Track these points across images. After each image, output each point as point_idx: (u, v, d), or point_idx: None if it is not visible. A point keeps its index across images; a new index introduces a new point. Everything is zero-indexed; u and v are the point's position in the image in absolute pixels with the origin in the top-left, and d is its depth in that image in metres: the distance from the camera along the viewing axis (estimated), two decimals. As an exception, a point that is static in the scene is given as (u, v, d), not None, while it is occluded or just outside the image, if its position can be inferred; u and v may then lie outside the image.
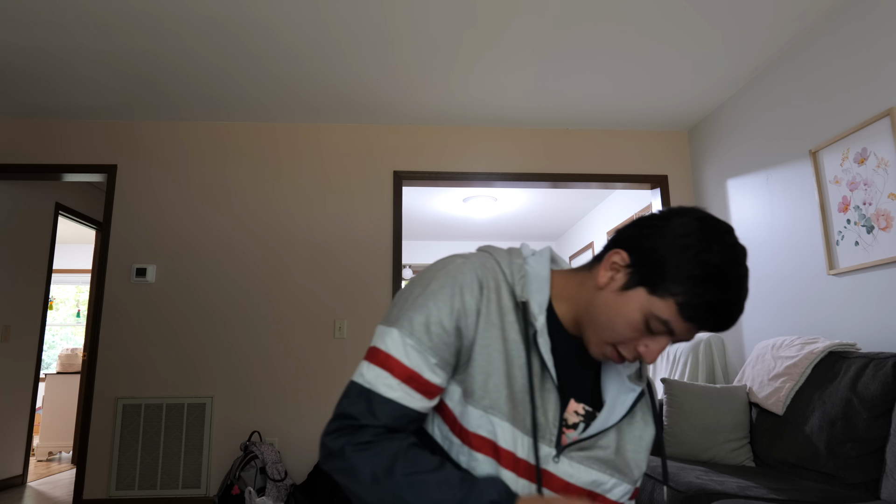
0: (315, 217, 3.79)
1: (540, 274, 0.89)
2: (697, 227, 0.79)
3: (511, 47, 2.97)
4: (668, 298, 0.78)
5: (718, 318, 0.78)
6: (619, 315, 0.81)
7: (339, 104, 3.63)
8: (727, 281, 0.77)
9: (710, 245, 0.78)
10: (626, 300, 0.81)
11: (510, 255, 0.91)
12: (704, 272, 0.77)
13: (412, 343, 0.82)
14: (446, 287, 0.84)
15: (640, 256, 0.81)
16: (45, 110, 3.67)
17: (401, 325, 0.83)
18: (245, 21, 2.73)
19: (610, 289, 0.83)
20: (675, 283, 0.78)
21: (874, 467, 2.00)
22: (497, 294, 0.86)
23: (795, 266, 2.92)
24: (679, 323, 0.79)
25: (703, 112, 3.77)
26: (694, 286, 0.77)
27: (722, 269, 0.77)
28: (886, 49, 2.36)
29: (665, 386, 2.75)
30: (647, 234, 0.82)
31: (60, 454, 5.63)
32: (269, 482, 3.18)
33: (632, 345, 0.82)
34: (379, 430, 0.81)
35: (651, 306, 0.79)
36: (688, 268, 0.77)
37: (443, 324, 0.82)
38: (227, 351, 3.59)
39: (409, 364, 0.81)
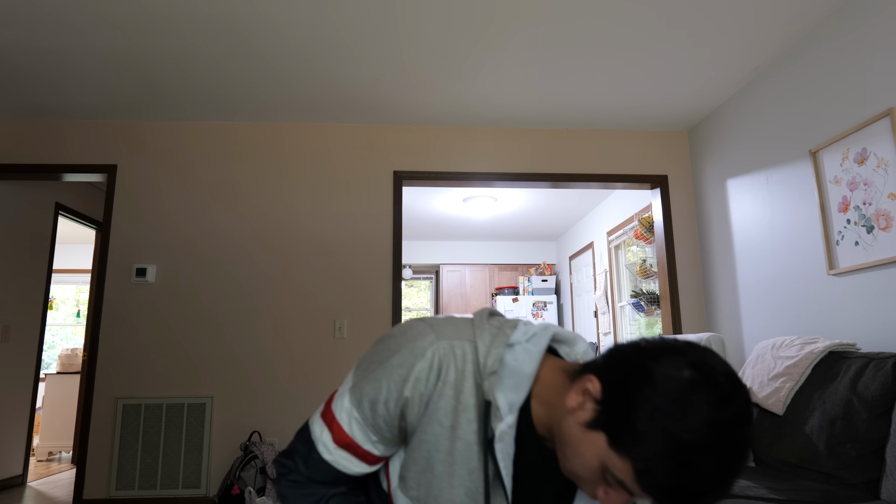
0: (315, 217, 3.79)
1: (521, 371, 0.79)
2: (683, 384, 0.65)
3: (511, 47, 2.97)
4: (626, 459, 0.66)
5: (680, 499, 0.64)
6: (577, 454, 0.72)
7: (340, 104, 3.63)
8: (694, 469, 0.62)
9: (687, 411, 0.63)
10: (587, 441, 0.71)
11: (494, 339, 0.81)
12: (672, 448, 0.63)
13: (356, 416, 0.84)
14: (403, 367, 0.80)
15: (610, 396, 0.69)
16: (45, 110, 3.67)
17: (353, 393, 0.84)
18: (245, 21, 2.73)
19: (576, 418, 0.73)
20: (636, 449, 0.65)
21: (874, 467, 2.00)
22: (456, 389, 0.79)
23: (795, 266, 2.92)
24: (637, 489, 0.67)
25: (703, 112, 3.77)
26: (655, 460, 0.63)
27: (692, 454, 0.62)
28: (886, 49, 2.36)
29: (665, 386, 2.74)
30: (626, 374, 0.69)
31: (60, 454, 5.63)
32: (269, 482, 3.18)
33: (590, 486, 0.73)
34: (313, 492, 0.87)
35: (608, 459, 0.68)
36: (653, 435, 0.64)
37: (388, 406, 0.81)
38: (227, 351, 3.59)
39: (349, 434, 0.84)
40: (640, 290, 4.69)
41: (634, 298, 4.73)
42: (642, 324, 5.18)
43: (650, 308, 4.62)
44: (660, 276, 3.98)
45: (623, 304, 5.45)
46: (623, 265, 5.49)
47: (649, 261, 4.77)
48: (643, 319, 5.11)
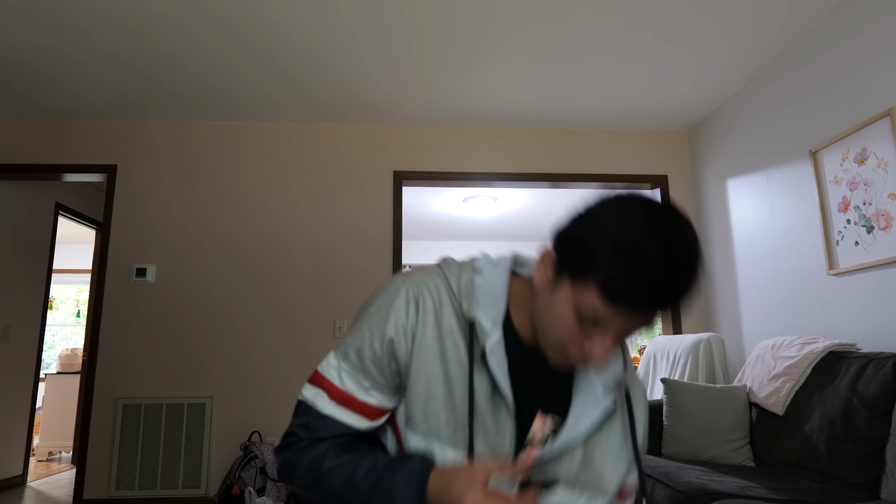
0: (315, 217, 3.79)
1: (493, 286, 0.83)
2: (614, 201, 0.72)
3: (511, 47, 2.97)
4: (589, 283, 0.70)
5: (645, 292, 0.67)
6: (552, 314, 0.76)
7: (340, 104, 3.63)
8: (644, 246, 0.67)
9: (625, 214, 0.69)
10: (555, 297, 0.75)
11: (461, 268, 0.86)
12: (617, 242, 0.68)
13: (346, 368, 0.84)
14: (381, 310, 0.84)
15: (562, 246, 0.75)
16: (45, 110, 3.67)
17: (338, 349, 0.86)
18: (245, 21, 2.73)
19: (544, 288, 0.78)
20: (593, 264, 0.69)
21: (874, 467, 2.00)
22: (436, 315, 0.82)
23: (795, 266, 2.92)
24: (608, 310, 0.70)
25: (703, 112, 3.77)
26: (609, 259, 0.68)
27: (637, 234, 0.67)
28: (886, 49, 2.36)
29: (665, 386, 2.75)
30: (571, 223, 0.76)
31: (60, 454, 5.63)
32: (269, 482, 3.18)
33: (575, 344, 0.75)
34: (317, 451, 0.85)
35: (576, 297, 0.72)
36: (602, 243, 0.69)
37: (374, 348, 0.83)
38: (227, 351, 3.59)
39: (342, 387, 0.84)
40: (640, 290, 4.69)
41: (634, 298, 4.72)
42: (642, 324, 5.17)
43: (650, 308, 4.61)
44: (660, 276, 3.98)
45: (623, 304, 5.44)
46: (623, 265, 5.48)
47: (649, 261, 4.76)
48: (643, 319, 5.10)
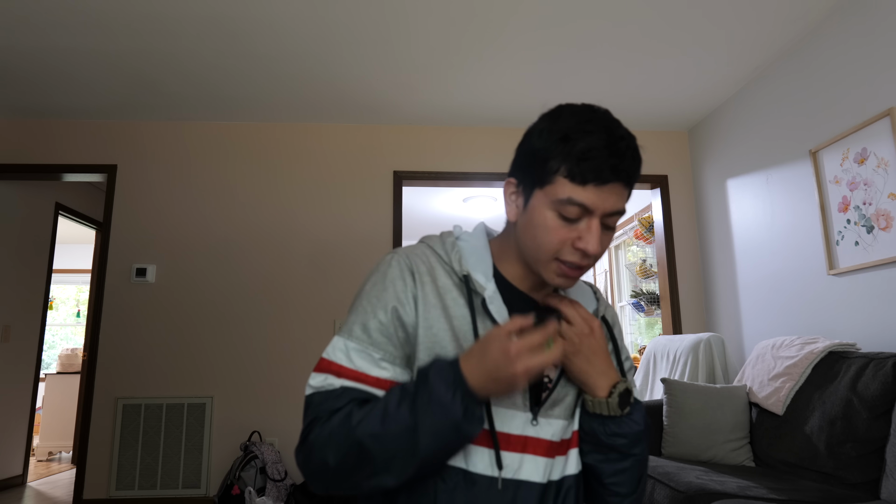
0: (315, 217, 3.79)
1: (474, 247, 0.90)
2: (547, 114, 0.84)
3: (511, 47, 2.96)
4: (556, 179, 0.79)
5: (603, 160, 0.77)
6: (535, 227, 0.82)
7: (339, 104, 3.63)
8: (587, 125, 0.78)
9: (560, 114, 0.81)
10: (533, 210, 0.82)
11: (442, 237, 0.92)
12: (564, 133, 0.79)
13: (353, 345, 0.83)
14: (378, 284, 0.86)
15: (520, 170, 0.85)
16: (45, 110, 3.67)
17: (341, 332, 0.85)
18: (245, 21, 2.73)
19: (520, 214, 0.85)
20: (551, 160, 0.79)
21: (874, 467, 2.00)
22: (431, 276, 0.86)
23: (795, 266, 2.92)
24: (581, 192, 0.78)
25: (703, 112, 3.77)
26: (563, 148, 0.78)
27: (578, 122, 0.79)
28: (886, 49, 2.36)
29: (665, 386, 2.75)
30: (518, 151, 0.87)
31: (60, 454, 5.63)
32: (269, 482, 3.18)
33: (567, 246, 0.81)
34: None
35: (550, 197, 0.80)
36: (551, 142, 0.79)
37: (379, 319, 0.83)
38: (227, 351, 3.59)
39: (351, 366, 0.82)
40: (640, 290, 4.69)
41: (634, 298, 4.73)
42: (642, 323, 5.17)
43: (650, 308, 4.62)
44: (660, 276, 3.98)
45: (623, 303, 5.45)
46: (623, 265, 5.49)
47: (649, 261, 4.77)
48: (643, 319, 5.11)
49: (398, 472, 0.75)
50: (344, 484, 0.78)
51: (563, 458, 0.87)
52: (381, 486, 0.76)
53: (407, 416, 0.74)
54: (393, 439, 0.74)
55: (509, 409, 0.83)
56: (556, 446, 0.86)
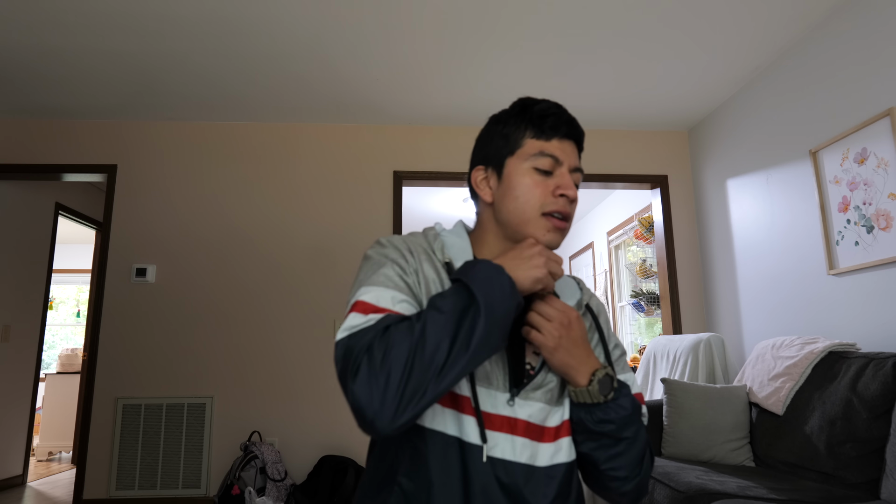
0: (315, 217, 3.79)
1: (455, 240, 0.95)
2: (504, 108, 0.97)
3: (511, 48, 2.96)
4: (524, 141, 0.92)
5: (559, 118, 0.92)
6: (515, 189, 0.91)
7: (339, 104, 3.63)
8: (538, 100, 0.95)
9: (513, 103, 0.97)
10: (510, 178, 0.92)
11: (425, 231, 0.97)
12: (521, 106, 0.94)
13: (390, 293, 0.82)
14: (387, 255, 0.88)
15: (484, 154, 0.96)
16: (45, 110, 3.67)
17: (370, 281, 0.83)
18: (245, 21, 2.73)
19: (496, 191, 0.94)
20: (515, 130, 0.93)
21: (874, 467, 2.00)
22: (427, 256, 0.90)
23: (795, 266, 2.92)
24: (547, 145, 0.91)
25: (703, 112, 3.77)
26: (524, 115, 0.93)
27: (529, 99, 0.95)
28: (886, 49, 2.36)
29: (665, 386, 2.75)
30: (477, 144, 0.99)
31: (60, 454, 5.63)
32: (269, 482, 3.18)
33: (549, 198, 0.90)
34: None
35: (523, 157, 0.91)
36: (513, 117, 0.94)
37: (401, 276, 0.85)
38: (227, 351, 3.59)
39: (393, 308, 0.80)
40: (640, 290, 4.69)
41: (634, 298, 4.73)
42: (642, 323, 5.18)
43: (650, 308, 4.62)
44: (660, 276, 3.98)
45: (623, 303, 5.45)
46: (623, 265, 5.49)
47: (649, 261, 4.77)
48: (643, 319, 5.11)
49: (458, 357, 0.74)
50: (412, 400, 0.72)
51: (552, 445, 0.88)
52: (445, 385, 0.74)
53: (462, 296, 0.77)
54: (454, 317, 0.75)
55: (489, 389, 0.85)
56: (539, 430, 0.87)
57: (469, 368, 0.76)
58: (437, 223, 0.99)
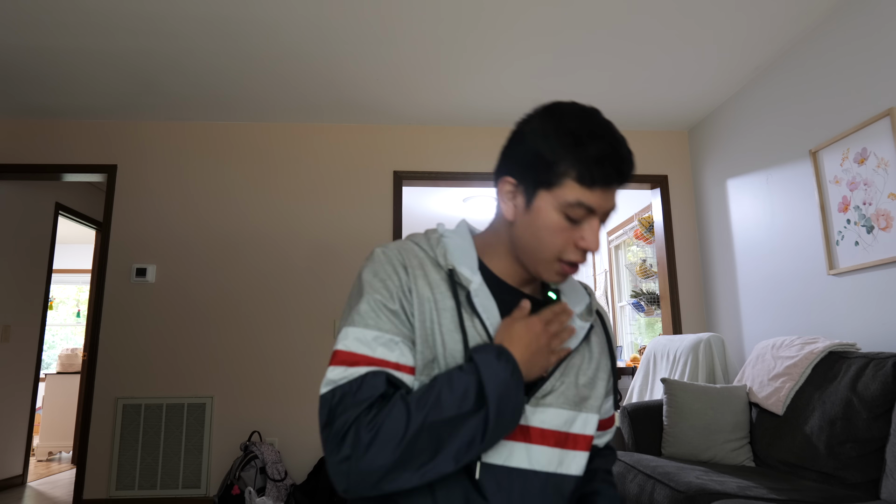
0: (315, 217, 3.79)
1: (459, 243, 0.91)
2: (545, 114, 0.86)
3: (511, 48, 2.96)
4: (565, 182, 0.81)
5: (614, 165, 0.81)
6: (539, 228, 0.84)
7: (339, 104, 3.63)
8: (595, 131, 0.82)
9: (563, 117, 0.84)
10: (538, 212, 0.84)
11: (427, 234, 0.93)
12: (574, 138, 0.81)
13: (371, 333, 0.81)
14: (377, 275, 0.85)
15: (521, 170, 0.85)
16: (45, 110, 3.67)
17: (351, 321, 0.83)
18: (245, 21, 2.73)
19: (519, 214, 0.86)
20: (560, 163, 0.81)
21: (874, 467, 2.00)
22: (423, 270, 0.87)
23: (795, 266, 2.92)
24: (589, 195, 0.81)
25: (703, 112, 3.77)
26: (575, 153, 0.81)
27: (585, 126, 0.82)
28: (886, 49, 2.36)
29: (665, 386, 2.75)
30: (514, 149, 0.87)
31: (60, 454, 5.63)
32: (269, 482, 3.18)
33: (570, 246, 0.84)
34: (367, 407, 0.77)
35: (558, 199, 0.82)
36: (560, 145, 0.81)
37: (386, 305, 0.83)
38: (227, 351, 3.59)
39: (373, 355, 0.80)
40: (640, 290, 4.69)
41: (634, 298, 4.73)
42: (642, 323, 5.17)
43: (650, 308, 4.62)
44: (660, 276, 3.98)
45: (623, 303, 5.45)
46: (623, 265, 5.49)
47: (649, 261, 4.77)
48: (643, 319, 5.11)
49: (456, 450, 0.75)
50: (390, 483, 0.74)
51: (567, 453, 0.87)
52: (439, 472, 0.75)
53: (467, 381, 0.76)
54: (456, 414, 0.75)
55: None
56: (555, 437, 0.87)
57: (458, 469, 0.78)
58: (440, 224, 0.96)
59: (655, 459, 2.45)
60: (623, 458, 2.50)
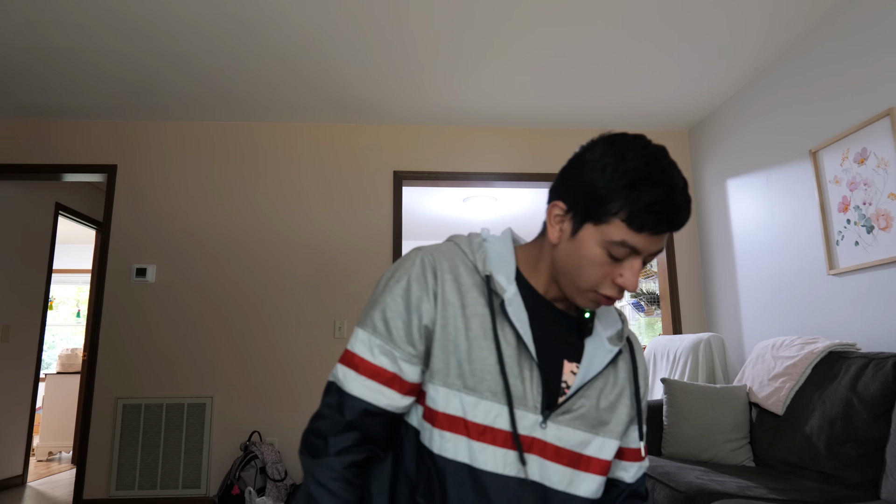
0: (315, 217, 3.79)
1: (500, 250, 0.92)
2: (608, 146, 0.83)
3: (511, 48, 2.96)
4: (613, 220, 0.80)
5: (666, 214, 0.79)
6: (580, 258, 0.84)
7: (340, 104, 3.63)
8: (653, 176, 0.79)
9: (625, 155, 0.81)
10: (581, 242, 0.83)
11: (470, 237, 0.94)
12: (630, 179, 0.79)
13: (376, 341, 0.86)
14: (401, 280, 0.87)
15: (573, 198, 0.84)
16: (45, 110, 3.67)
17: (364, 324, 0.88)
18: (245, 21, 2.73)
19: (563, 240, 0.86)
20: (612, 202, 0.80)
21: (874, 467, 2.00)
22: (454, 274, 0.88)
23: (795, 266, 2.92)
24: (635, 237, 0.80)
25: (703, 112, 3.77)
26: (628, 196, 0.79)
27: (644, 170, 0.79)
28: (886, 49, 2.36)
29: (665, 386, 2.75)
30: (571, 175, 0.86)
31: (60, 454, 5.63)
32: (269, 482, 3.18)
33: (608, 281, 0.84)
34: (342, 441, 0.85)
35: (603, 235, 0.81)
36: (615, 184, 0.80)
37: (401, 315, 0.86)
38: (227, 351, 3.59)
39: (373, 361, 0.86)
40: (640, 290, 4.69)
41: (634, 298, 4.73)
42: (642, 323, 5.17)
43: (650, 308, 4.62)
44: (660, 276, 3.98)
45: (623, 303, 5.45)
46: (623, 265, 5.49)
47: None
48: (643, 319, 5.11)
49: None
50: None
51: (578, 473, 0.88)
52: None
53: None
54: None
55: (519, 409, 0.85)
56: (569, 456, 0.87)
57: None
58: (484, 229, 0.96)
59: (655, 459, 2.45)
60: (623, 458, 2.50)
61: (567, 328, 0.92)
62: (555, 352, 0.90)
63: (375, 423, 0.86)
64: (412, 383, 0.87)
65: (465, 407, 0.84)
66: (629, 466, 0.98)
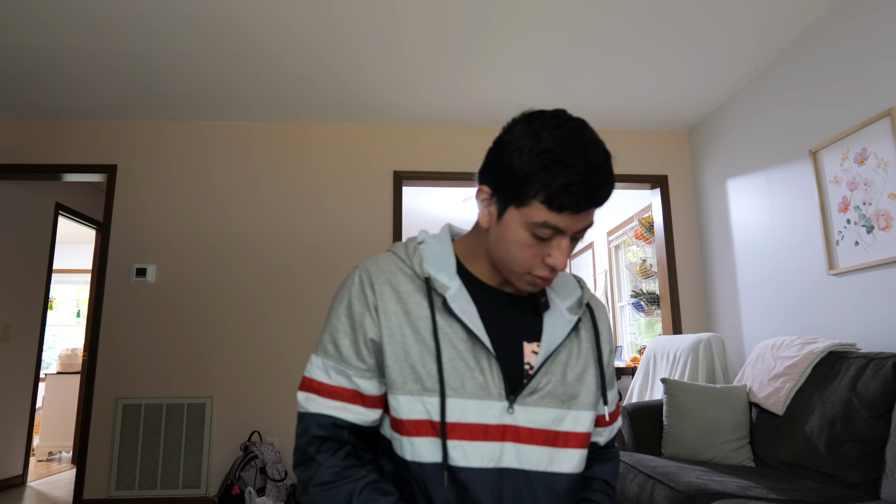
0: (315, 217, 3.79)
1: (436, 249, 0.93)
2: (525, 127, 0.82)
3: (511, 48, 2.97)
4: (532, 203, 0.80)
5: (583, 193, 0.78)
6: (508, 242, 0.84)
7: (340, 104, 3.63)
8: (569, 157, 0.78)
9: (541, 136, 0.80)
10: (506, 226, 0.84)
11: (406, 243, 0.95)
12: (545, 161, 0.78)
13: (329, 363, 0.89)
14: (343, 300, 0.90)
15: (496, 181, 0.84)
16: (45, 110, 3.67)
17: (318, 350, 0.91)
18: (245, 21, 2.73)
19: (492, 224, 0.87)
20: (530, 185, 0.79)
21: (874, 467, 2.00)
22: (392, 284, 0.89)
23: (795, 266, 2.92)
24: (556, 218, 0.80)
25: (703, 112, 3.77)
26: (544, 178, 0.78)
27: (559, 150, 0.78)
28: (886, 49, 2.36)
29: (665, 386, 2.75)
30: (493, 158, 0.85)
31: (60, 454, 5.63)
32: (269, 482, 3.18)
33: (538, 261, 0.84)
34: (326, 450, 0.87)
35: (525, 217, 0.81)
36: (531, 166, 0.79)
37: (347, 334, 0.88)
38: (227, 351, 3.59)
39: (331, 382, 0.88)
40: (640, 290, 4.69)
41: (634, 298, 4.73)
42: (642, 324, 5.17)
43: (650, 308, 4.62)
44: (660, 276, 3.98)
45: (623, 303, 5.45)
46: (623, 265, 5.49)
47: (649, 261, 4.77)
48: (643, 319, 5.11)
49: None
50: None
51: (557, 451, 0.88)
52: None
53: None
54: None
55: (484, 400, 0.85)
56: (544, 436, 0.87)
57: None
58: (422, 231, 0.98)
59: (655, 459, 2.45)
60: (623, 458, 2.50)
61: (522, 310, 0.93)
62: (511, 336, 0.90)
63: (348, 435, 0.88)
64: (374, 396, 0.89)
65: (428, 409, 0.84)
66: (601, 431, 1.01)
